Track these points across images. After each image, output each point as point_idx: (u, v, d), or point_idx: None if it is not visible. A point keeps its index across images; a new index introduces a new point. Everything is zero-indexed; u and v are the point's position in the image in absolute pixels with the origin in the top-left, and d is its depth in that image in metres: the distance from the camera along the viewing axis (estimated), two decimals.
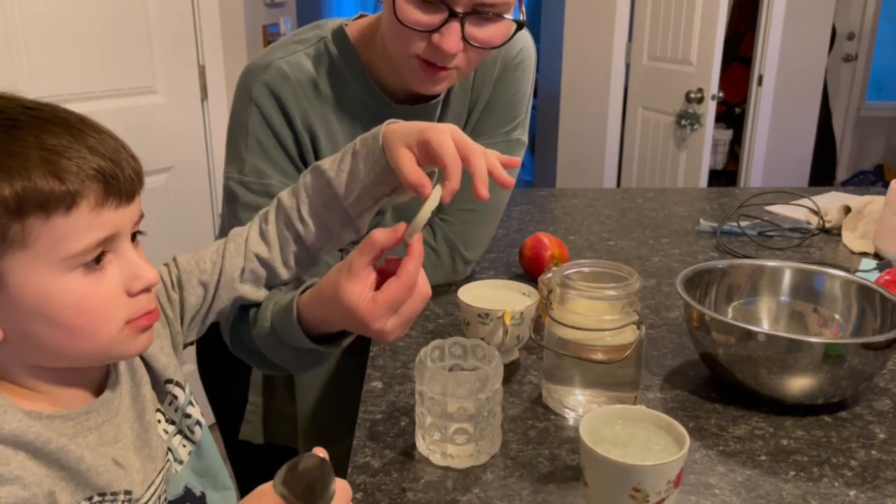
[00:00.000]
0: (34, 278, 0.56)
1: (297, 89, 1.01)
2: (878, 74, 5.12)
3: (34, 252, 0.55)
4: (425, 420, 0.76)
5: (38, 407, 0.60)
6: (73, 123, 0.58)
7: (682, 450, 0.65)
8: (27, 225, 0.54)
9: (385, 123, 0.77)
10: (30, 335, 0.58)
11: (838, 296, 0.97)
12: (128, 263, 0.61)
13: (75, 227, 0.56)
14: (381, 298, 0.71)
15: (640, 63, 3.60)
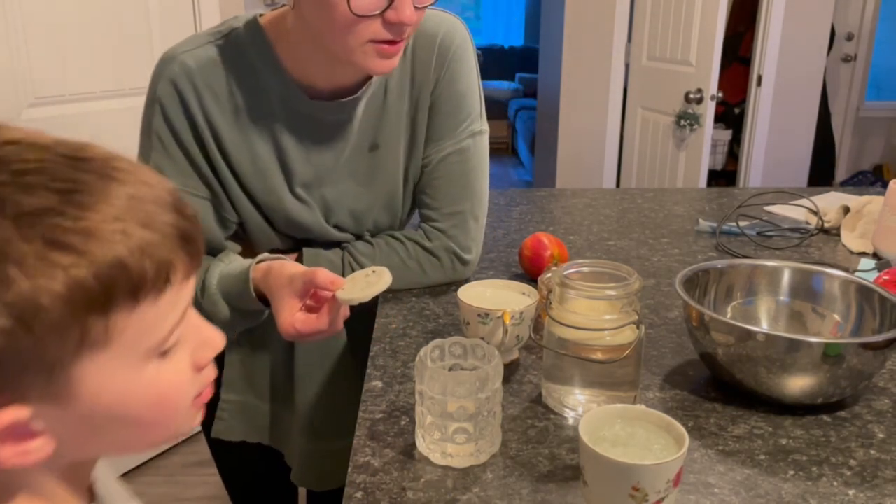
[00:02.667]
0: (111, 380, 0.45)
1: (201, 86, 0.99)
2: (877, 75, 5.12)
3: (115, 350, 0.44)
4: (425, 419, 0.76)
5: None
6: (135, 175, 0.46)
7: (681, 449, 0.65)
8: (111, 319, 0.43)
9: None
10: (94, 439, 0.48)
11: (837, 296, 0.97)
12: (194, 331, 0.51)
13: (162, 310, 0.45)
14: (300, 324, 0.90)
15: (639, 63, 3.61)
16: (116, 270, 0.42)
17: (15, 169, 0.42)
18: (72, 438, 0.47)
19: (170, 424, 0.51)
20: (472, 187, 1.14)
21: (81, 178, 0.43)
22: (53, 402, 0.44)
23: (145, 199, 0.45)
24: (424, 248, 1.13)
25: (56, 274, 0.40)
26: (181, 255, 0.46)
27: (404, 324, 1.08)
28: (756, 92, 3.57)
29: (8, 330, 0.40)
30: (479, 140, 1.14)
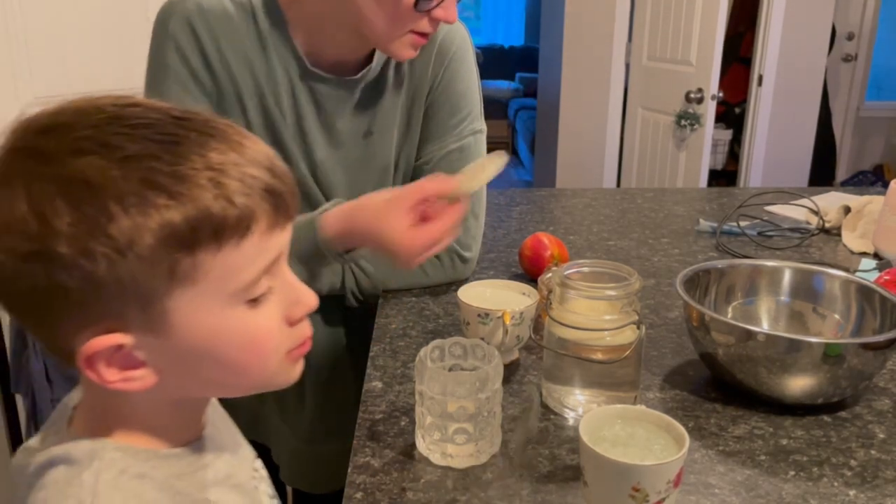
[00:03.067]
0: (201, 316, 0.50)
1: (216, 29, 0.98)
2: (877, 74, 5.12)
3: (203, 287, 0.49)
4: (425, 420, 0.76)
5: (153, 445, 0.55)
6: (230, 134, 0.51)
7: (681, 449, 0.65)
8: (198, 258, 0.47)
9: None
10: (190, 376, 0.53)
11: (838, 296, 0.97)
12: (288, 288, 0.55)
13: (246, 256, 0.50)
14: (421, 236, 0.82)
15: (639, 63, 3.61)
16: (201, 213, 0.47)
17: (128, 123, 0.48)
18: (171, 372, 0.51)
19: (261, 370, 0.54)
20: None
21: (182, 133, 0.48)
22: (152, 333, 0.49)
23: (235, 154, 0.49)
24: None
25: (150, 212, 0.45)
26: (265, 206, 0.50)
27: (404, 324, 1.08)
28: (756, 92, 3.57)
29: (109, 258, 0.45)
30: (480, 139, 1.16)
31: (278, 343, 0.54)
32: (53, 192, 0.45)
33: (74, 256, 0.45)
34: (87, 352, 0.48)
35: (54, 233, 0.45)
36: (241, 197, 0.48)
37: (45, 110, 0.49)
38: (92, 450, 0.51)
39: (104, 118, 0.48)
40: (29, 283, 0.46)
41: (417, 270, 1.13)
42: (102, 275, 0.46)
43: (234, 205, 0.48)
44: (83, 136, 0.47)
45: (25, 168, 0.46)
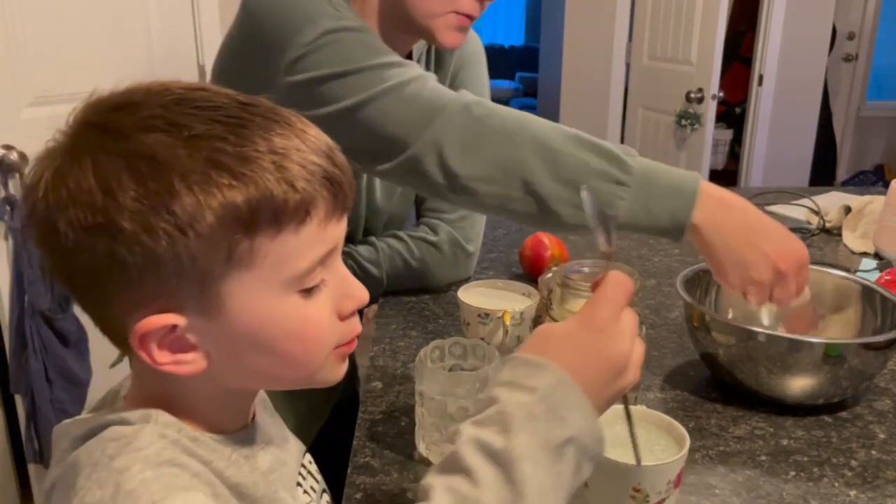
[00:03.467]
0: (255, 302, 0.49)
1: None
2: (878, 74, 5.11)
3: (259, 273, 0.48)
4: (425, 420, 0.76)
5: (203, 432, 0.54)
6: (293, 122, 0.51)
7: (682, 450, 0.65)
8: (256, 241, 0.47)
9: None
10: (239, 362, 0.52)
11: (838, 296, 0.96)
12: (340, 281, 0.54)
13: (303, 243, 0.49)
14: None
15: (640, 63, 3.60)
16: (263, 195, 0.46)
17: (196, 105, 0.48)
18: (220, 358, 0.51)
19: (308, 363, 0.53)
20: None
21: (247, 117, 0.49)
22: (205, 316, 0.49)
23: (298, 141, 0.49)
24: (429, 243, 1.13)
25: (213, 191, 0.45)
26: (324, 193, 0.50)
27: (404, 324, 1.07)
28: (757, 91, 3.56)
29: (170, 235, 0.45)
30: None
31: (328, 336, 0.54)
32: (121, 167, 0.46)
33: (136, 232, 0.45)
34: (141, 330, 0.48)
35: (119, 207, 0.45)
36: (303, 182, 0.48)
37: (117, 89, 0.50)
38: (146, 414, 0.51)
39: (172, 99, 0.48)
40: (89, 256, 0.46)
41: (422, 269, 1.14)
42: (162, 252, 0.46)
43: (295, 189, 0.48)
44: (152, 115, 0.47)
45: (95, 142, 0.47)
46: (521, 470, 0.47)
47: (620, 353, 0.54)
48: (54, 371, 1.78)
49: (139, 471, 0.46)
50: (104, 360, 2.11)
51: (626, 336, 0.55)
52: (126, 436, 0.48)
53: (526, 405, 0.49)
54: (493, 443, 0.48)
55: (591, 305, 0.55)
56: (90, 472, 0.47)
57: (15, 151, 1.72)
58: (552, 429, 0.49)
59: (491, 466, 0.47)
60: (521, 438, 0.48)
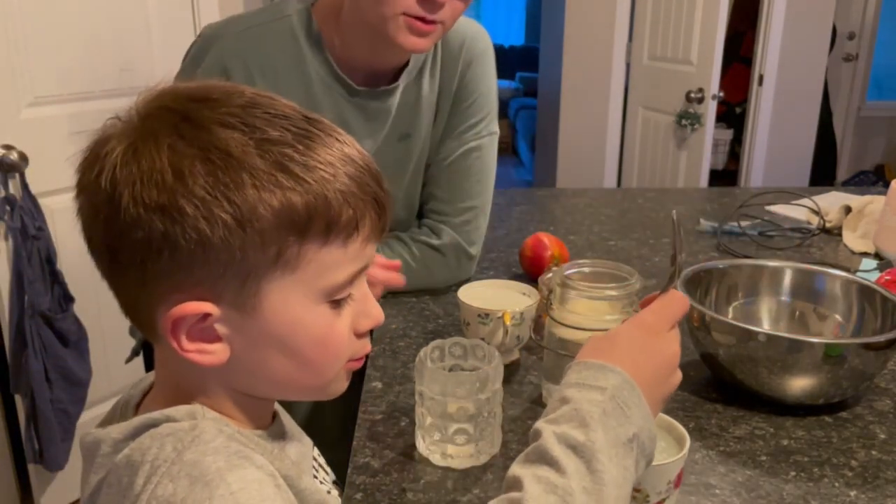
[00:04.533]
0: (289, 305, 0.51)
1: (249, 66, 1.00)
2: (878, 74, 5.11)
3: (299, 277, 0.51)
4: (425, 420, 0.76)
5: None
6: (351, 143, 0.54)
7: (682, 450, 0.65)
8: (304, 247, 0.50)
9: None
10: (259, 361, 0.53)
11: (839, 296, 0.96)
12: (362, 299, 0.56)
13: (346, 256, 0.52)
14: None
15: (640, 63, 3.60)
16: (321, 203, 0.49)
17: (267, 111, 0.51)
18: (243, 354, 0.52)
19: (324, 372, 0.56)
20: (485, 184, 1.18)
21: (313, 130, 0.52)
22: (240, 310, 0.51)
23: (353, 160, 0.52)
24: (432, 247, 1.14)
25: (276, 191, 0.48)
26: (371, 213, 0.53)
27: (404, 324, 1.07)
28: (757, 91, 3.56)
29: (227, 226, 0.47)
30: (494, 141, 1.19)
31: (345, 349, 0.56)
32: (195, 155, 0.48)
33: (197, 217, 0.47)
34: (176, 314, 0.49)
35: (187, 191, 0.47)
36: (356, 199, 0.51)
37: (193, 83, 0.53)
38: (192, 411, 0.52)
39: (247, 101, 0.51)
40: (144, 233, 0.48)
41: (423, 272, 1.13)
42: (216, 241, 0.47)
43: (349, 205, 0.50)
44: (230, 113, 0.50)
45: (175, 127, 0.49)
46: (600, 461, 0.50)
47: (673, 352, 0.60)
48: (54, 371, 1.78)
49: (213, 462, 0.47)
50: (104, 360, 2.11)
51: (676, 341, 0.61)
52: (185, 430, 0.49)
53: (599, 403, 0.53)
54: (575, 436, 0.51)
55: (650, 312, 0.60)
56: (151, 469, 0.47)
57: (15, 151, 1.72)
58: (620, 425, 0.53)
59: (574, 457, 0.51)
60: (599, 433, 0.51)
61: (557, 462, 0.50)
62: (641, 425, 0.54)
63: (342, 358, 0.56)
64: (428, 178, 1.17)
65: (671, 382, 0.60)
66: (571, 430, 0.52)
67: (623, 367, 0.56)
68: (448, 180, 1.16)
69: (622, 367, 0.56)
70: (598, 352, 0.58)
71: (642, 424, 0.54)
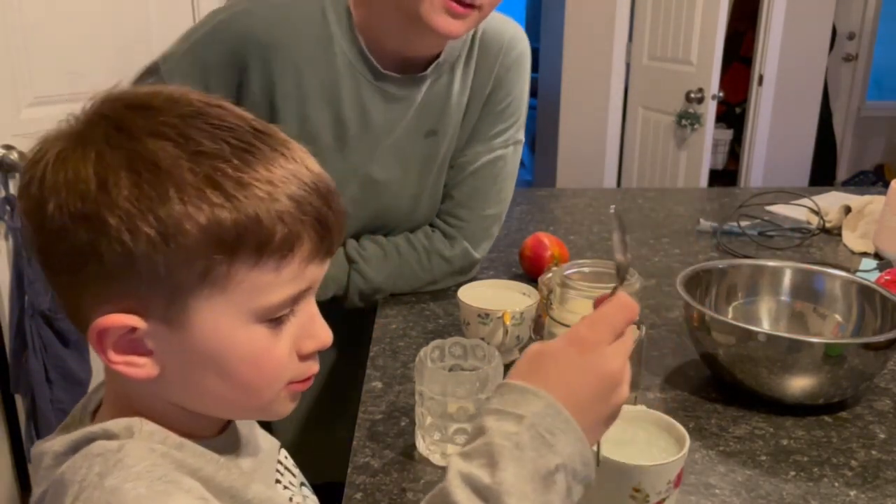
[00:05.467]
0: (219, 324, 0.49)
1: (269, 43, 0.97)
2: (878, 74, 5.11)
3: (229, 297, 0.49)
4: (425, 420, 0.76)
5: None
6: (302, 159, 0.51)
7: (682, 450, 0.65)
8: (234, 267, 0.48)
9: None
10: (191, 379, 0.52)
11: (839, 296, 0.96)
12: (307, 319, 0.54)
13: (280, 279, 0.50)
14: None
15: (640, 63, 3.60)
16: (251, 222, 0.47)
17: (210, 122, 0.49)
18: (174, 370, 0.51)
19: (261, 393, 0.53)
20: (506, 193, 1.16)
21: (256, 145, 0.49)
22: (169, 326, 0.49)
23: (298, 178, 0.50)
24: (444, 258, 1.12)
25: (203, 207, 0.46)
26: (311, 234, 0.50)
27: (404, 324, 1.07)
28: (757, 91, 3.56)
29: (151, 241, 0.46)
30: (519, 150, 1.17)
31: (284, 370, 0.54)
32: (121, 165, 0.46)
33: (120, 230, 0.46)
34: (101, 325, 0.48)
35: (111, 202, 0.46)
36: (292, 219, 0.49)
37: (141, 89, 0.52)
38: (129, 425, 0.50)
39: (190, 111, 0.49)
40: (70, 243, 0.47)
41: (427, 278, 1.13)
42: (140, 255, 0.46)
43: (283, 224, 0.48)
44: (167, 122, 0.48)
45: (105, 135, 0.48)
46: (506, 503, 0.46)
47: (611, 370, 0.53)
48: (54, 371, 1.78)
49: (132, 488, 0.45)
50: None
51: (619, 355, 0.54)
52: (112, 450, 0.48)
53: (513, 435, 0.49)
54: (480, 477, 0.47)
55: (588, 324, 0.54)
56: (78, 490, 0.46)
57: (15, 151, 1.72)
58: (540, 457, 0.48)
59: (478, 502, 0.47)
60: (509, 472, 0.47)
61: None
62: (570, 452, 0.49)
63: (281, 380, 0.54)
64: (448, 178, 1.15)
65: (613, 402, 0.53)
66: (478, 469, 0.47)
67: (550, 389, 0.51)
68: (470, 186, 1.13)
69: (550, 389, 0.51)
70: (526, 372, 0.53)
71: (571, 451, 0.49)
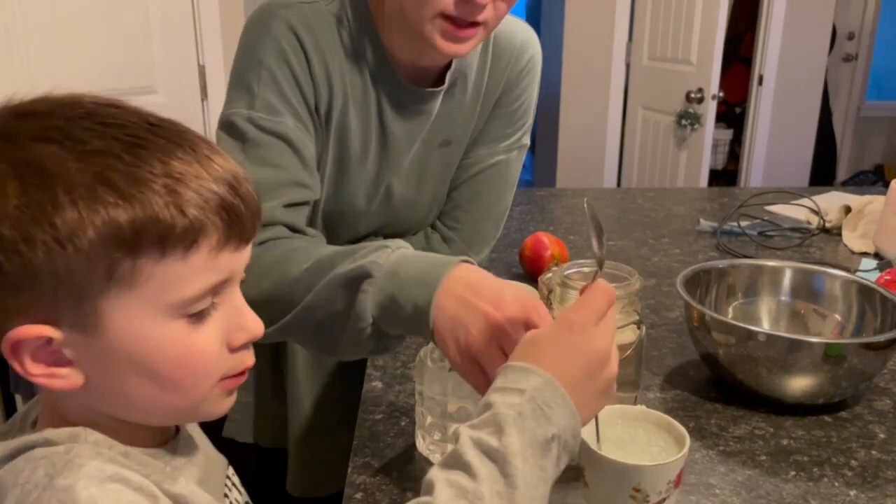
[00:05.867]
0: (135, 323, 0.48)
1: (319, 37, 0.94)
2: (878, 74, 5.12)
3: (141, 294, 0.47)
4: (425, 420, 0.76)
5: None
6: (200, 148, 0.50)
7: (682, 450, 0.65)
8: (139, 262, 0.46)
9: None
10: (117, 384, 0.50)
11: (839, 296, 0.96)
12: (233, 311, 0.53)
13: (191, 269, 0.48)
14: None
15: (640, 63, 3.61)
16: (148, 217, 0.46)
17: (100, 121, 0.48)
18: (99, 378, 0.50)
19: (191, 392, 0.52)
20: (507, 197, 1.15)
21: (150, 138, 0.48)
22: (82, 332, 0.48)
23: (199, 167, 0.49)
24: None
25: (97, 208, 0.45)
26: (217, 222, 0.49)
27: None
28: (757, 91, 3.56)
29: (48, 247, 0.45)
30: (523, 154, 1.16)
31: (213, 366, 0.52)
32: (7, 173, 0.45)
33: (15, 240, 0.44)
34: (13, 338, 0.47)
35: (1, 212, 0.45)
36: (194, 209, 0.47)
37: (30, 97, 0.50)
38: (74, 434, 0.50)
39: (80, 113, 0.48)
40: None
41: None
42: (39, 263, 0.45)
43: (184, 215, 0.47)
44: (52, 126, 0.47)
45: None
46: (513, 465, 0.50)
47: (599, 348, 0.57)
48: None
49: (83, 487, 0.45)
50: None
51: (605, 334, 0.58)
52: (59, 453, 0.47)
53: (516, 406, 0.52)
54: (489, 442, 0.51)
55: (574, 309, 0.58)
56: (21, 494, 0.45)
57: None
58: (539, 427, 0.52)
59: (488, 461, 0.50)
60: (514, 437, 0.51)
61: (470, 467, 0.50)
62: (564, 424, 0.53)
63: (211, 375, 0.53)
64: (451, 179, 1.13)
65: (604, 377, 0.58)
66: (487, 435, 0.51)
67: (546, 367, 0.55)
68: (471, 189, 1.12)
69: (545, 367, 0.54)
70: (522, 354, 0.57)
71: (565, 424, 0.54)
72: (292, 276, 0.77)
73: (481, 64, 1.08)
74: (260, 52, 0.93)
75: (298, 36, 0.93)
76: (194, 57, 2.30)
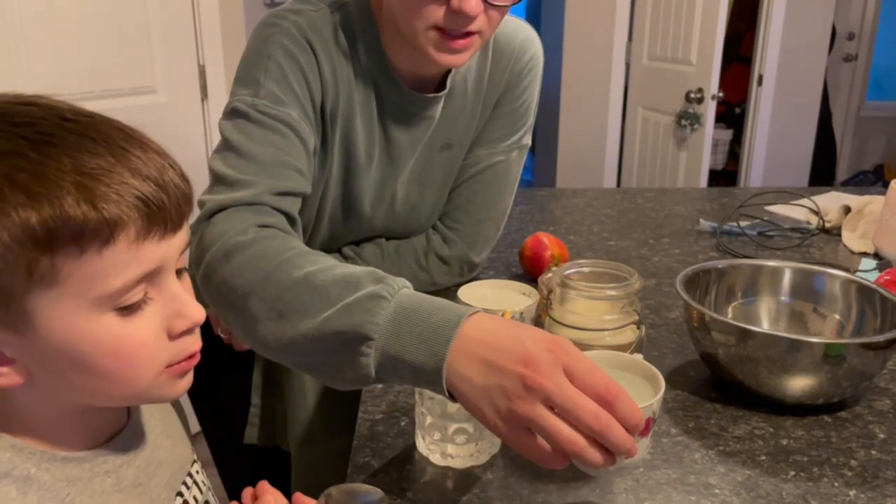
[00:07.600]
0: (64, 319, 0.49)
1: (328, 42, 0.95)
2: (878, 74, 5.12)
3: (64, 290, 0.48)
4: (425, 420, 0.76)
5: (51, 447, 0.54)
6: (115, 140, 0.50)
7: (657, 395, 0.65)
8: (57, 260, 0.47)
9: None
10: (59, 379, 0.51)
11: (838, 296, 0.96)
12: (170, 300, 0.53)
13: (112, 262, 0.48)
14: None
15: (640, 63, 3.61)
16: (58, 216, 0.46)
17: (12, 121, 0.48)
18: (41, 373, 0.51)
19: (133, 381, 0.53)
20: (506, 197, 1.15)
21: (60, 134, 0.48)
22: (15, 332, 0.49)
23: (112, 160, 0.49)
24: (440, 258, 1.12)
25: (7, 210, 0.45)
26: (133, 215, 0.49)
27: None
28: (757, 91, 3.56)
29: None
30: (524, 154, 1.16)
31: (152, 355, 0.53)
32: None
33: None
34: None
35: None
36: (107, 203, 0.47)
37: None
38: None
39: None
40: None
41: (426, 279, 1.13)
42: None
43: (96, 210, 0.47)
44: None
45: None
46: None
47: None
48: None
49: None
50: None
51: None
52: None
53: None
54: None
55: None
56: None
57: None
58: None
59: None
60: None
61: None
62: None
63: (154, 364, 0.53)
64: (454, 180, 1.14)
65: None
66: None
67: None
68: (470, 189, 1.12)
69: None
70: None
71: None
72: (293, 278, 0.73)
73: (481, 65, 1.08)
74: (268, 49, 0.93)
75: (308, 38, 0.94)
76: (194, 57, 2.30)
